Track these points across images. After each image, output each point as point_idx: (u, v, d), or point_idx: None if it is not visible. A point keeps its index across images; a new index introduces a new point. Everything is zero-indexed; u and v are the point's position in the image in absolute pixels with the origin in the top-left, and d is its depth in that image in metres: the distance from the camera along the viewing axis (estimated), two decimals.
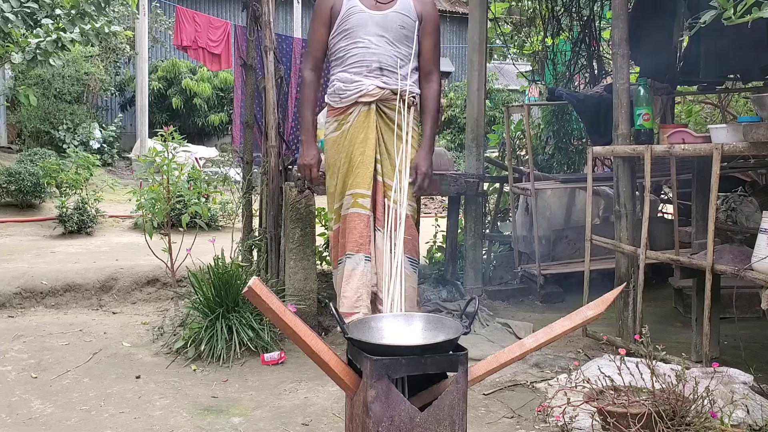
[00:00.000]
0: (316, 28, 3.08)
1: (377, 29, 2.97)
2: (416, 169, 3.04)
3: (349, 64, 2.99)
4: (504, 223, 5.32)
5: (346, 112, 3.01)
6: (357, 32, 2.98)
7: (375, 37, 2.96)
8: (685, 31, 2.74)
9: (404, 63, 3.01)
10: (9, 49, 5.67)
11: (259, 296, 1.67)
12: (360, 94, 2.97)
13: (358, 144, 2.97)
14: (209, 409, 2.56)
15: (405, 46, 3.02)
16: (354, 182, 2.97)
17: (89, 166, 7.10)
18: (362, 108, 2.98)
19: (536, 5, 6.31)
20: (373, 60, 2.96)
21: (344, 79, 3.00)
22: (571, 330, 1.91)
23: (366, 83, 2.95)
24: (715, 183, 2.64)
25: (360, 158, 2.96)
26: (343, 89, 3.00)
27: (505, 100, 13.22)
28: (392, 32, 2.98)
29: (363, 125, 2.97)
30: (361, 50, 2.97)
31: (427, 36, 3.08)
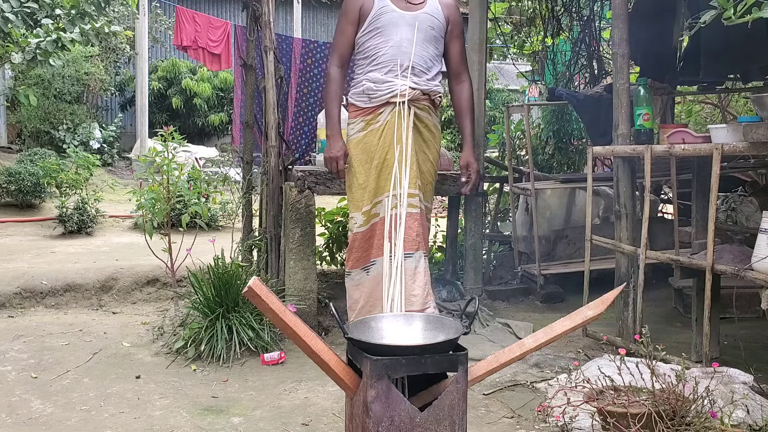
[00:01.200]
0: (344, 26, 3.05)
1: (409, 29, 2.96)
2: (468, 167, 3.15)
3: (380, 63, 2.98)
4: (504, 223, 5.32)
5: (375, 112, 2.99)
6: (389, 31, 2.96)
7: (407, 36, 2.96)
8: (685, 31, 2.74)
9: (432, 64, 3.03)
10: (9, 49, 5.67)
11: (259, 296, 1.67)
12: (392, 94, 2.94)
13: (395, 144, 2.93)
14: (209, 409, 2.56)
15: (434, 47, 3.04)
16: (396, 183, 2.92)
17: (89, 166, 7.10)
18: (395, 108, 2.93)
19: (536, 5, 6.31)
20: (404, 59, 2.94)
21: (375, 80, 2.97)
22: (571, 330, 1.91)
23: (398, 84, 2.93)
24: (715, 183, 2.64)
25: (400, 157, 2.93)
26: (374, 89, 2.97)
27: (505, 100, 13.22)
28: (423, 33, 2.98)
29: (398, 125, 2.91)
30: (393, 49, 2.96)
31: (455, 39, 3.13)
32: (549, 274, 4.37)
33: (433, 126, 3.08)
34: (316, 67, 4.22)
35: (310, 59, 4.20)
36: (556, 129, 5.63)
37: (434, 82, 3.04)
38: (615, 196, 3.36)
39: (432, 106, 3.05)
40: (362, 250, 3.03)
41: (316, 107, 4.20)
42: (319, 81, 4.22)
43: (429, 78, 3.02)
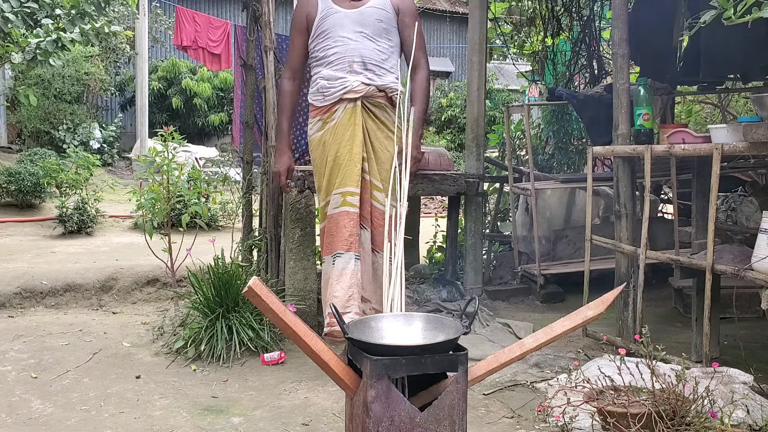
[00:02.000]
0: (294, 37, 3.07)
1: (355, 26, 2.94)
2: None
3: (331, 62, 2.95)
4: (504, 223, 5.32)
5: (330, 110, 2.96)
6: (335, 31, 2.95)
7: (353, 34, 2.93)
8: (685, 31, 2.74)
9: (388, 57, 2.97)
10: (9, 49, 5.67)
11: (259, 296, 1.67)
12: (345, 90, 2.92)
13: (345, 141, 2.92)
14: (209, 409, 2.56)
15: (386, 39, 2.99)
16: (343, 180, 2.91)
17: (89, 166, 7.10)
18: (348, 105, 2.93)
19: (536, 5, 6.31)
20: (355, 55, 2.92)
21: (328, 77, 2.95)
22: (571, 330, 1.91)
23: (350, 79, 2.91)
24: (715, 183, 2.64)
25: (348, 156, 2.91)
26: (327, 86, 2.94)
27: (505, 100, 13.23)
28: (370, 27, 2.95)
29: (350, 122, 2.92)
30: (341, 47, 2.93)
31: (408, 27, 3.05)
32: (549, 274, 4.37)
33: (391, 123, 3.00)
34: None
35: None
36: (556, 129, 5.63)
37: (390, 78, 2.98)
38: (615, 196, 3.36)
39: (389, 103, 3.00)
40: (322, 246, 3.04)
41: None
42: None
43: (385, 73, 2.97)
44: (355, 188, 2.89)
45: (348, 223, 2.88)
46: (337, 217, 2.91)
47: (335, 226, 2.90)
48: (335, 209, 2.92)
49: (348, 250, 2.87)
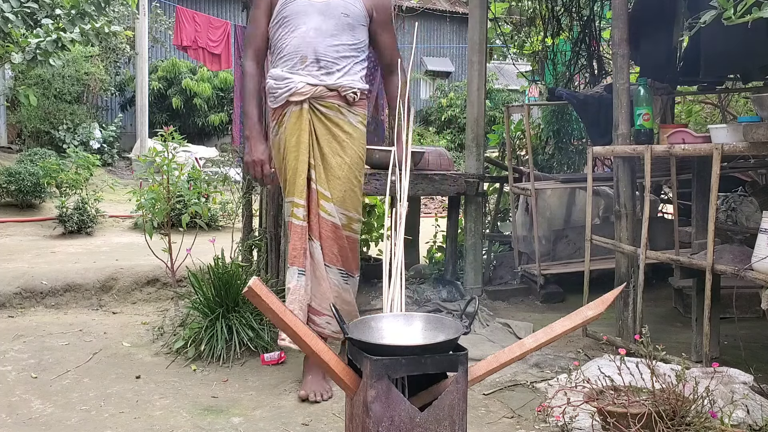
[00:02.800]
0: (257, 17, 2.80)
1: (318, 17, 2.70)
2: None
3: (283, 56, 2.73)
4: (504, 223, 5.32)
5: (281, 113, 2.76)
6: (295, 20, 2.70)
7: (314, 25, 2.69)
8: (685, 31, 2.74)
9: (348, 55, 2.76)
10: (9, 49, 5.67)
11: (259, 296, 1.67)
12: (290, 92, 2.70)
13: (291, 148, 2.71)
14: (209, 409, 2.56)
15: (349, 35, 2.75)
16: (290, 190, 2.73)
17: (89, 166, 7.11)
18: (294, 108, 2.71)
19: (536, 5, 6.32)
20: (309, 51, 2.69)
21: (276, 77, 2.74)
22: (571, 330, 1.91)
23: (295, 80, 2.69)
24: (715, 183, 2.64)
25: (294, 164, 2.71)
26: (275, 88, 2.74)
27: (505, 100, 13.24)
28: (334, 20, 2.71)
29: (295, 127, 2.71)
30: (297, 39, 2.69)
31: (382, 28, 2.85)
32: (549, 274, 4.37)
33: (348, 125, 2.76)
34: None
35: None
36: (556, 129, 5.63)
37: (347, 78, 2.74)
38: (615, 196, 3.36)
39: (345, 103, 2.75)
40: None
41: None
42: None
43: (340, 71, 2.73)
44: (300, 199, 2.69)
45: (293, 236, 2.71)
46: (288, 227, 2.78)
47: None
48: (287, 218, 2.79)
49: (292, 264, 2.69)
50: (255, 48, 2.82)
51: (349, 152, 2.76)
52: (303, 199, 2.69)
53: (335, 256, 2.75)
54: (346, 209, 2.76)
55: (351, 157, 2.76)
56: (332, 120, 2.73)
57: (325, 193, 2.72)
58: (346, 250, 2.77)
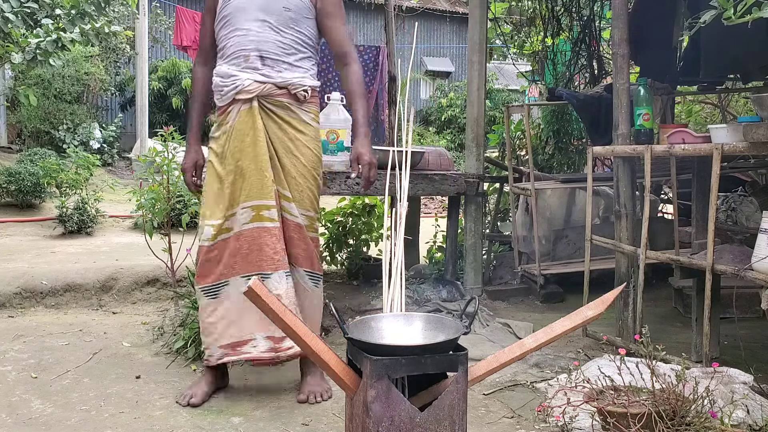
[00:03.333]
0: (204, 17, 2.79)
1: (258, 14, 2.62)
2: (358, 160, 2.64)
3: (228, 54, 2.65)
4: (504, 223, 5.32)
5: (225, 112, 2.66)
6: (236, 18, 2.63)
7: (256, 22, 2.61)
8: (685, 31, 2.74)
9: (294, 51, 2.67)
10: (9, 49, 5.68)
11: (259, 296, 1.67)
12: (237, 90, 2.60)
13: (247, 148, 2.59)
14: (209, 409, 2.56)
15: (293, 30, 2.65)
16: (250, 193, 2.57)
17: (89, 166, 7.10)
18: (242, 106, 2.61)
19: (536, 5, 6.32)
20: (252, 49, 2.61)
21: (221, 74, 2.65)
22: (571, 330, 1.91)
23: (243, 77, 2.60)
24: (715, 183, 2.64)
25: (252, 165, 2.58)
26: (221, 85, 2.65)
27: (505, 100, 13.24)
28: (275, 15, 2.62)
29: (247, 126, 2.61)
30: (239, 38, 2.62)
31: (330, 17, 2.73)
32: (549, 274, 4.37)
33: (300, 123, 2.67)
34: None
35: None
36: (556, 129, 5.63)
37: (294, 74, 2.65)
38: (615, 196, 3.36)
39: (294, 100, 2.66)
40: (205, 266, 2.65)
41: None
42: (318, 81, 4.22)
43: (287, 68, 2.65)
44: (270, 201, 2.57)
45: (270, 240, 2.56)
46: (250, 234, 2.57)
47: (248, 244, 2.56)
48: (245, 225, 2.58)
49: (276, 269, 2.56)
50: (203, 50, 2.80)
51: (304, 151, 2.67)
52: (274, 199, 2.58)
53: (303, 258, 2.66)
54: (305, 209, 2.67)
55: (305, 156, 2.67)
56: (283, 118, 2.64)
57: (285, 193, 2.63)
58: (312, 251, 2.70)
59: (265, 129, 2.62)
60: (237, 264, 2.59)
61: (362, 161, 2.64)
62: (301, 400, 2.62)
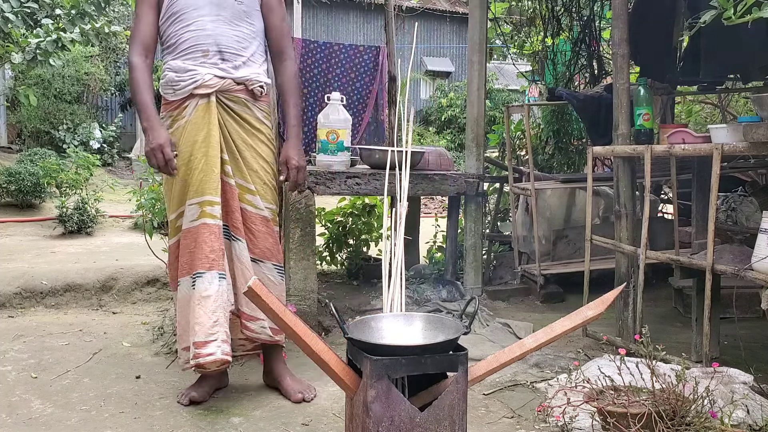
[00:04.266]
0: (142, 12, 2.61)
1: (211, 8, 2.57)
2: (287, 164, 2.64)
3: (183, 50, 2.58)
4: (504, 223, 5.32)
5: (180, 107, 2.59)
6: (188, 14, 2.57)
7: (210, 17, 2.57)
8: (685, 31, 2.75)
9: (248, 44, 2.65)
10: (9, 49, 5.68)
11: (259, 296, 1.67)
12: (195, 85, 2.55)
13: (200, 143, 2.54)
14: (209, 409, 2.56)
15: (247, 24, 2.63)
16: (199, 188, 2.51)
17: (89, 166, 7.11)
18: (200, 101, 2.56)
19: (536, 5, 6.32)
20: (210, 43, 2.57)
21: (177, 68, 2.58)
22: (571, 330, 1.91)
23: (202, 72, 2.55)
24: (715, 183, 2.64)
25: (203, 160, 2.52)
26: (176, 80, 2.57)
27: (505, 100, 13.24)
28: (228, 9, 2.59)
29: (203, 121, 2.55)
30: (195, 33, 2.56)
31: (272, 11, 2.71)
32: (549, 274, 4.37)
33: (255, 119, 2.65)
34: (316, 67, 4.22)
35: (310, 59, 4.20)
36: (556, 129, 5.63)
37: (251, 69, 2.64)
38: (615, 196, 3.36)
39: (251, 97, 2.65)
40: (172, 267, 2.65)
41: (315, 107, 4.20)
42: (318, 81, 4.22)
43: (244, 63, 2.62)
44: (214, 197, 2.52)
45: (208, 238, 2.49)
46: (195, 231, 2.51)
47: (194, 241, 2.51)
48: (192, 222, 2.53)
49: (210, 268, 2.48)
50: (142, 43, 2.60)
51: (262, 147, 2.66)
52: (218, 196, 2.53)
53: (269, 251, 2.65)
54: (268, 202, 2.66)
55: (264, 152, 2.67)
56: (240, 114, 2.63)
57: (248, 186, 2.61)
58: (278, 244, 2.70)
59: (223, 124, 2.59)
60: (186, 263, 2.54)
61: (290, 165, 2.64)
62: (297, 399, 2.62)
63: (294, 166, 2.64)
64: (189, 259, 2.52)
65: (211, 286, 2.48)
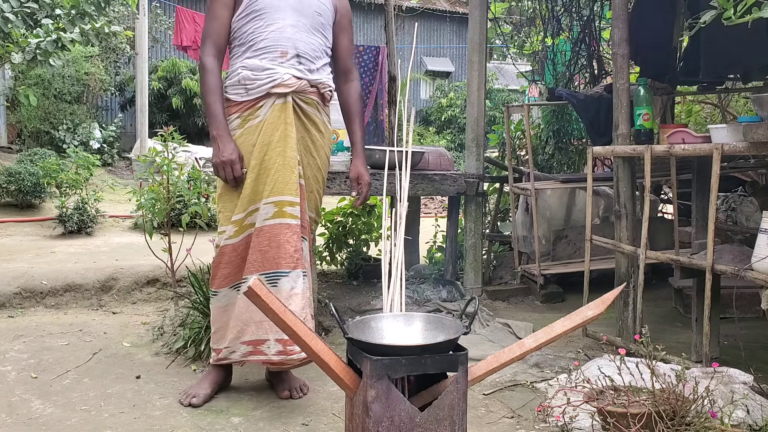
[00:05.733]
0: (218, 10, 2.57)
1: (293, 13, 2.57)
2: (358, 180, 2.77)
3: (260, 48, 2.56)
4: (504, 223, 5.32)
5: (254, 106, 2.56)
6: (270, 14, 2.55)
7: (290, 20, 2.57)
8: (685, 31, 2.75)
9: (320, 54, 2.67)
10: (9, 49, 5.68)
11: (259, 296, 1.67)
12: (274, 83, 2.53)
13: (276, 143, 2.52)
14: (209, 409, 2.56)
15: (321, 35, 2.66)
16: (275, 188, 2.49)
17: (89, 166, 7.11)
18: (277, 101, 2.55)
19: (536, 5, 6.32)
20: (289, 45, 2.56)
21: (253, 67, 2.55)
22: (571, 330, 1.91)
23: (281, 71, 2.54)
24: (715, 183, 2.64)
25: (280, 160, 2.51)
26: (252, 78, 2.54)
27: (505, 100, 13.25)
28: (309, 18, 2.60)
29: (279, 121, 2.54)
30: (275, 33, 2.55)
31: (344, 31, 2.78)
32: (549, 274, 4.37)
33: (322, 124, 2.69)
34: None
35: None
36: (556, 129, 5.63)
37: (324, 73, 2.67)
38: (615, 196, 3.36)
39: (321, 101, 2.68)
40: (232, 265, 2.58)
41: None
42: None
43: (318, 70, 2.65)
44: (294, 197, 2.51)
45: (291, 238, 2.49)
46: (271, 230, 2.49)
47: (269, 240, 2.49)
48: (267, 221, 2.50)
49: (295, 267, 2.49)
50: (215, 43, 2.58)
51: (321, 152, 2.69)
52: (298, 197, 2.53)
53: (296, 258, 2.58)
54: (311, 211, 2.69)
55: (321, 158, 2.70)
56: (310, 117, 2.64)
57: None
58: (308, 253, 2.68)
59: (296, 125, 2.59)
60: (256, 261, 2.50)
61: (363, 181, 2.76)
62: (284, 396, 2.63)
63: (366, 182, 2.77)
64: (260, 258, 2.49)
65: (297, 284, 2.49)
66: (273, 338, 2.51)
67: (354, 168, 2.78)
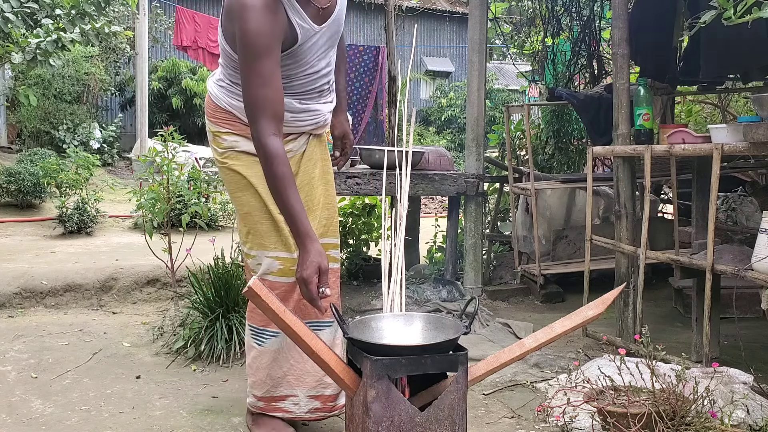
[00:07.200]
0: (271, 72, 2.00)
1: (325, 45, 2.21)
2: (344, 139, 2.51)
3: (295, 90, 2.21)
4: (504, 223, 5.32)
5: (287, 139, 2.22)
6: (308, 57, 2.17)
7: (325, 55, 2.23)
8: (685, 31, 2.75)
9: None
10: (9, 49, 5.68)
11: (259, 296, 1.67)
12: (316, 126, 2.29)
13: (315, 180, 2.31)
14: (209, 409, 2.56)
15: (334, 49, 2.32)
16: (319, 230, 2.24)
17: (89, 166, 7.11)
18: (312, 138, 2.33)
19: (536, 5, 6.32)
20: (326, 82, 2.28)
21: (292, 108, 2.19)
22: (571, 330, 1.91)
23: (324, 111, 2.30)
24: (715, 183, 2.64)
25: (322, 200, 2.32)
26: (291, 120, 2.20)
27: (505, 100, 13.24)
28: (332, 40, 2.25)
29: (317, 156, 2.34)
30: (311, 75, 2.22)
31: None
32: (549, 274, 4.37)
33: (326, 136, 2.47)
34: None
35: None
36: (556, 129, 5.63)
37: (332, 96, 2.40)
38: (615, 196, 3.36)
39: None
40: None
41: None
42: None
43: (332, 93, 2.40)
44: (337, 239, 2.35)
45: (335, 284, 2.28)
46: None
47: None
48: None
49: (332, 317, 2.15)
50: (275, 116, 2.02)
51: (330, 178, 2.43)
52: (338, 238, 2.35)
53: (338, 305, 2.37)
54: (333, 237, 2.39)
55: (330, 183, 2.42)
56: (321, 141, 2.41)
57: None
58: None
59: None
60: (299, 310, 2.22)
61: (348, 141, 2.52)
62: None
63: (351, 141, 2.53)
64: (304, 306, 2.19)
65: (338, 333, 2.25)
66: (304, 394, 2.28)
67: (338, 125, 2.50)
